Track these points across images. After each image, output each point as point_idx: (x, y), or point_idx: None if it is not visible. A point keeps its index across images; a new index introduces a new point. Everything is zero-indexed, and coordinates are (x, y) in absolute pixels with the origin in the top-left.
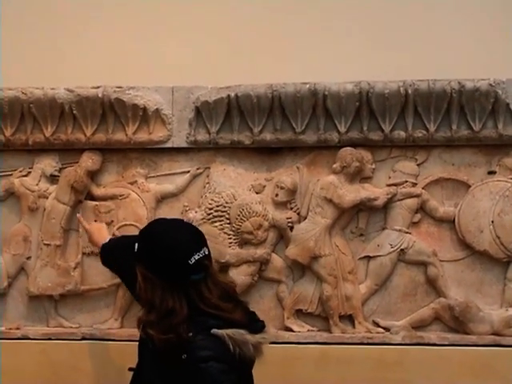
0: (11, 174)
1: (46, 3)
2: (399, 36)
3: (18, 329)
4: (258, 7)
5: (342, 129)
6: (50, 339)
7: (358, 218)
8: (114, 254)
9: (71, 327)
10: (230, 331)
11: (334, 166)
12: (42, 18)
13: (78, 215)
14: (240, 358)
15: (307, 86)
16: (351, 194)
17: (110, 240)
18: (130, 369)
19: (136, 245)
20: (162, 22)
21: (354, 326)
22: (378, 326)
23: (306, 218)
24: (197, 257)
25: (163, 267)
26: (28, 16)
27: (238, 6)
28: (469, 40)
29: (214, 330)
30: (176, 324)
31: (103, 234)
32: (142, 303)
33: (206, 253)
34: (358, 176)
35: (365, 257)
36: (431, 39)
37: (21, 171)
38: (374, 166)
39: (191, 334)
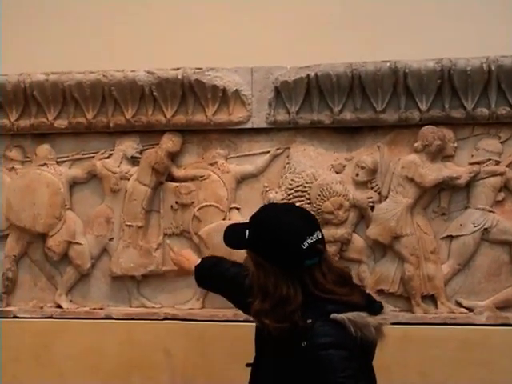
0: (93, 157)
1: None
2: (481, 10)
3: (101, 309)
4: None
5: (423, 107)
6: (132, 319)
7: (439, 197)
8: (211, 272)
9: (153, 307)
10: (350, 315)
11: (416, 144)
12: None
13: (167, 242)
14: (362, 343)
15: (387, 64)
16: (433, 172)
17: (201, 260)
18: (248, 364)
19: (247, 231)
20: (240, 2)
21: (436, 307)
22: (461, 306)
23: (386, 198)
24: (310, 241)
25: (276, 253)
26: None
27: None
28: None
29: (334, 315)
30: (290, 312)
31: (193, 259)
32: (255, 292)
33: (320, 237)
34: (439, 155)
35: (447, 236)
36: None
37: (102, 153)
38: (456, 145)
39: (310, 321)
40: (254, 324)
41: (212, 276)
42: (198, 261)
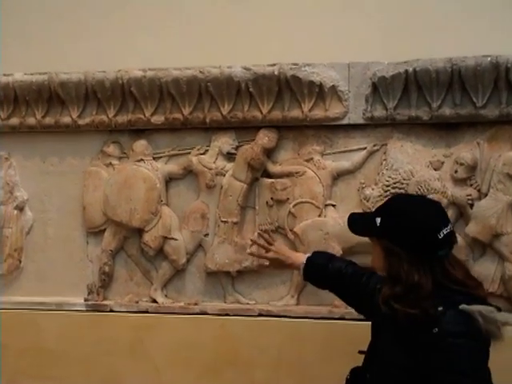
0: (189, 152)
1: None
2: None
3: (196, 304)
4: None
5: None
6: (227, 315)
7: None
8: (326, 267)
9: (248, 303)
10: (480, 307)
11: None
12: None
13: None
14: (486, 338)
15: (488, 58)
16: None
17: (313, 255)
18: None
19: (378, 219)
20: None
21: None
22: None
23: (486, 195)
24: (445, 231)
25: (412, 240)
26: None
27: None
28: None
29: (463, 306)
30: (421, 298)
31: (293, 252)
32: (385, 278)
33: (452, 229)
34: None
35: None
36: None
37: (198, 149)
38: None
39: (441, 309)
40: (348, 322)
41: (327, 272)
42: (304, 256)
